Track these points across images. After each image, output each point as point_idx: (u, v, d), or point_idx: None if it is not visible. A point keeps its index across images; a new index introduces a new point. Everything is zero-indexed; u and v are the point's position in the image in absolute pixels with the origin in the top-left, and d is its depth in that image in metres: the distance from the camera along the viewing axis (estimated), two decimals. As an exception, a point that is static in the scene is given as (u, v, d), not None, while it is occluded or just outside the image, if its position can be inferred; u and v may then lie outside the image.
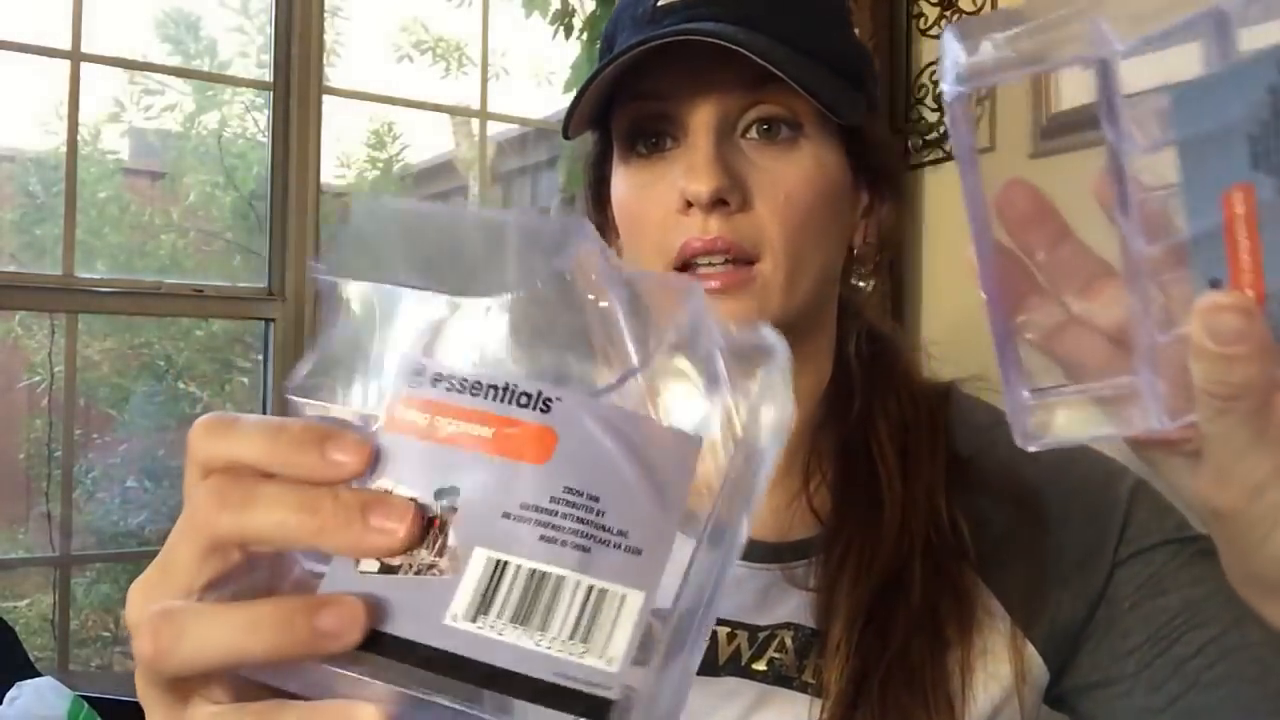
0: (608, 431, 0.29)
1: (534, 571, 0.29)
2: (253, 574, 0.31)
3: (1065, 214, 0.36)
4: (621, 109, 0.64)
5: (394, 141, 2.80)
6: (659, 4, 0.63)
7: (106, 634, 2.53)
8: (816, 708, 0.61)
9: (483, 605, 0.29)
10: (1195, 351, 0.30)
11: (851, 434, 0.67)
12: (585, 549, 0.29)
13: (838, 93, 0.62)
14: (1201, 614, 0.62)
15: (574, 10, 2.98)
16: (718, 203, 0.59)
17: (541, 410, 0.30)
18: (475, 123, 2.35)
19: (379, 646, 0.29)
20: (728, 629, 0.64)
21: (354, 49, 2.51)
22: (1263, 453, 0.31)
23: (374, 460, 0.31)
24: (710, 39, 0.57)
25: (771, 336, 0.32)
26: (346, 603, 0.29)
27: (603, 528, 0.29)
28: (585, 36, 3.00)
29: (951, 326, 0.74)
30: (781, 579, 0.65)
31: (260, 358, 2.13)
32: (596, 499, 0.29)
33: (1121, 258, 0.32)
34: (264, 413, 0.34)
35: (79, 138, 1.88)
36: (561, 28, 3.02)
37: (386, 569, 0.29)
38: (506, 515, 0.29)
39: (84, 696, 1.15)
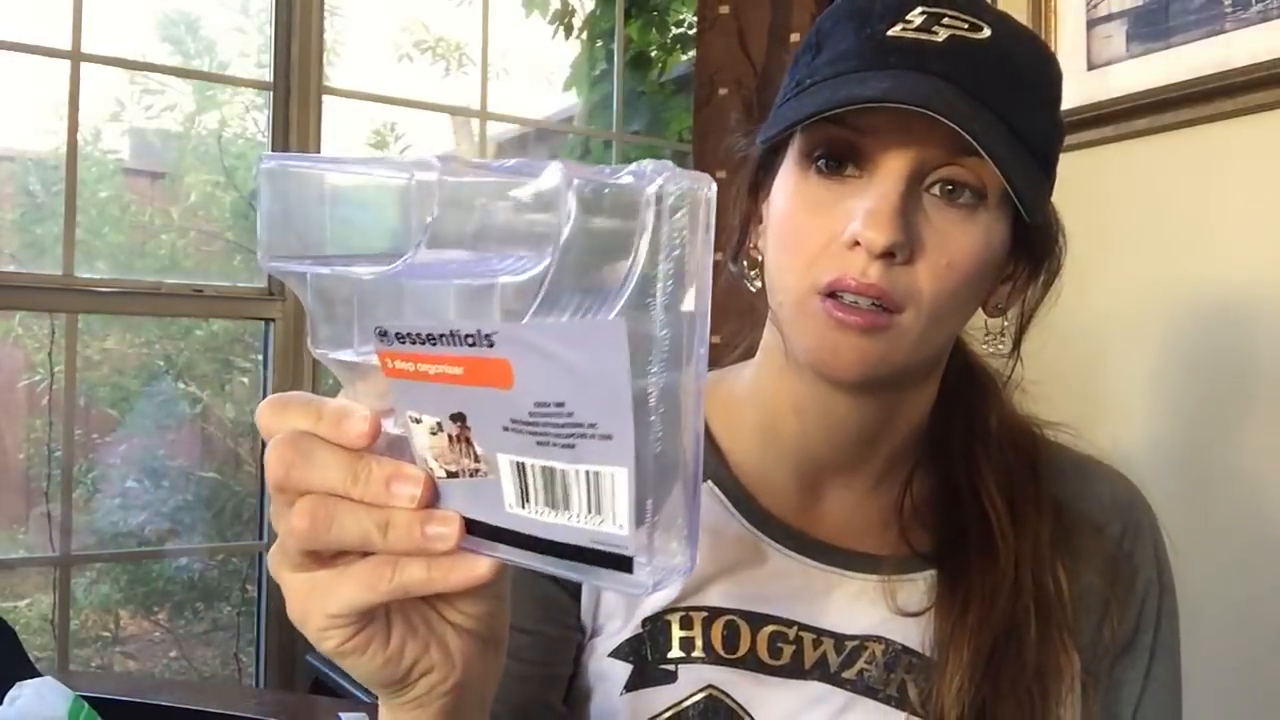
0: (548, 346, 0.33)
1: (544, 468, 0.35)
2: None
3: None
4: (816, 125, 0.61)
5: (396, 141, 2.79)
6: (889, 33, 0.60)
7: (106, 634, 2.52)
8: None
9: (524, 495, 0.35)
10: None
11: (956, 475, 0.70)
12: (571, 445, 0.34)
13: (1035, 186, 0.61)
14: None
15: (574, 10, 2.98)
16: (886, 254, 0.58)
17: (487, 345, 0.33)
18: (475, 123, 2.35)
19: (473, 528, 0.38)
20: (813, 635, 0.67)
21: (354, 49, 2.51)
22: None
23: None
24: (940, 117, 0.55)
25: (640, 175, 0.34)
26: (446, 516, 0.38)
27: (578, 425, 0.33)
28: (585, 36, 3.00)
29: (1043, 366, 0.74)
30: (870, 589, 0.68)
31: (260, 358, 2.13)
32: (562, 404, 0.33)
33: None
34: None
35: (79, 138, 1.88)
36: (561, 28, 3.02)
37: (450, 475, 0.37)
38: (505, 429, 0.35)
39: (84, 696, 1.14)
